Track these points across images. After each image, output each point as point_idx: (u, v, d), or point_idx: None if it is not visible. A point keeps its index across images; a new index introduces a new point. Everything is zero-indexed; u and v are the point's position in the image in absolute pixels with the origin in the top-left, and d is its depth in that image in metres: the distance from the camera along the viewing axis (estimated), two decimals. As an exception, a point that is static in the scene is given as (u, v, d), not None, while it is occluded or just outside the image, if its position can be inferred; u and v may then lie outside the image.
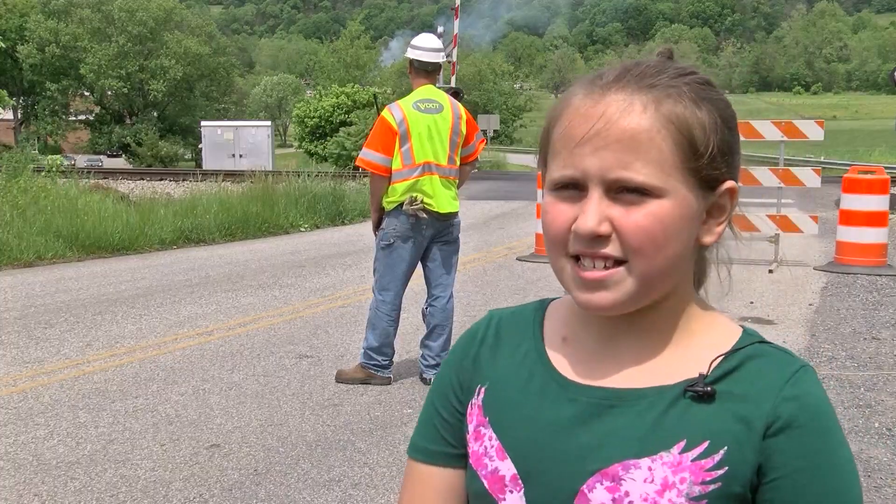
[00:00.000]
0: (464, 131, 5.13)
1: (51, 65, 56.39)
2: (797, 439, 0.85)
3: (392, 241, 4.99)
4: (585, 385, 0.92)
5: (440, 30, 23.79)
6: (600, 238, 0.85)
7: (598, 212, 0.85)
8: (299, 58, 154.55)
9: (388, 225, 5.00)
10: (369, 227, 5.28)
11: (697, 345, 0.92)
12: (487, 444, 0.95)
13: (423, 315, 5.24)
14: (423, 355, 5.23)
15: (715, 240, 0.92)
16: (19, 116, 63.82)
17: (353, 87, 45.86)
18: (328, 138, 42.22)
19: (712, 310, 0.96)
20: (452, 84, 23.38)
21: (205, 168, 31.90)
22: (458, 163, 5.15)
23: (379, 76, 64.63)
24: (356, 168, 5.28)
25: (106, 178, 22.27)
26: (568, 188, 0.87)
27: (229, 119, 52.78)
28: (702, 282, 0.98)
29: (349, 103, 43.52)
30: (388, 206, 4.99)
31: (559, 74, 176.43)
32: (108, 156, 59.71)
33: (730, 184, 0.90)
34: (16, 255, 10.03)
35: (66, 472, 3.84)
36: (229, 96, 66.02)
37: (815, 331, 6.39)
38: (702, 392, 0.87)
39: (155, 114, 60.41)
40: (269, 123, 42.08)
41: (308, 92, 79.72)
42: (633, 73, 0.88)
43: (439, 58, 5.21)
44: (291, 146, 68.23)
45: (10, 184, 12.20)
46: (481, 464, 0.95)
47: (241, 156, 37.11)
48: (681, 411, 0.87)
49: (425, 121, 4.98)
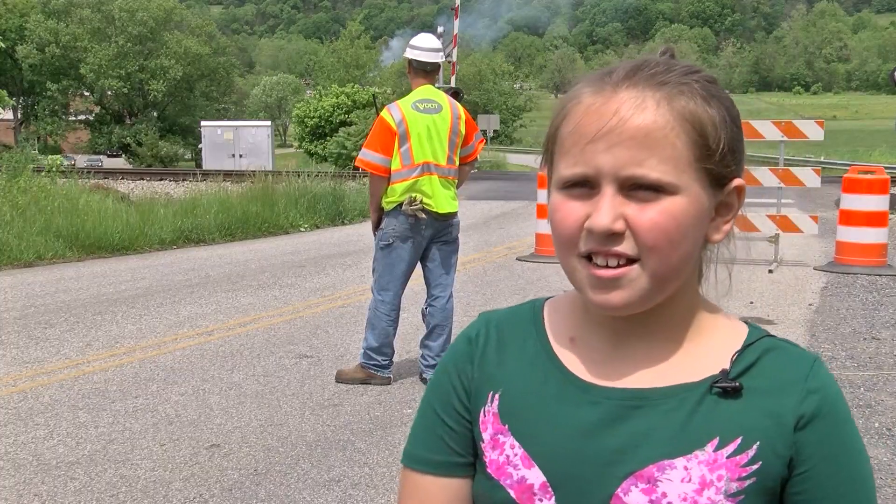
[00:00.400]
0: (463, 131, 5.12)
1: (51, 65, 56.38)
2: (822, 430, 0.87)
3: (391, 241, 4.99)
4: (605, 387, 0.91)
5: (440, 30, 23.80)
6: (614, 236, 0.84)
7: (613, 209, 0.84)
8: (299, 58, 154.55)
9: (387, 225, 5.00)
10: (369, 227, 5.29)
11: (709, 342, 0.92)
12: (510, 452, 0.93)
13: (423, 315, 5.24)
14: (422, 355, 5.23)
15: (722, 238, 0.92)
16: (19, 116, 63.82)
17: (353, 87, 45.88)
18: (328, 138, 42.24)
19: (716, 307, 0.96)
20: (452, 84, 23.38)
21: (205, 168, 31.90)
22: (458, 163, 5.16)
23: (379, 76, 64.63)
24: (356, 168, 5.28)
25: (106, 178, 22.28)
26: (578, 186, 0.86)
27: (229, 119, 52.78)
28: (699, 281, 0.97)
29: (349, 103, 43.54)
30: (387, 207, 4.99)
31: (559, 74, 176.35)
32: (108, 156, 59.71)
33: (738, 182, 0.90)
34: (16, 255, 10.03)
35: (66, 472, 3.84)
36: (229, 96, 66.01)
37: (815, 331, 6.39)
38: (729, 387, 0.87)
39: (155, 114, 60.39)
40: (269, 123, 42.07)
41: (308, 92, 79.71)
42: (644, 70, 0.87)
43: (438, 58, 5.21)
44: (291, 146, 68.24)
45: (11, 184, 12.19)
46: (504, 473, 0.92)
47: (241, 156, 37.10)
48: (709, 408, 0.88)
49: (424, 121, 4.98)
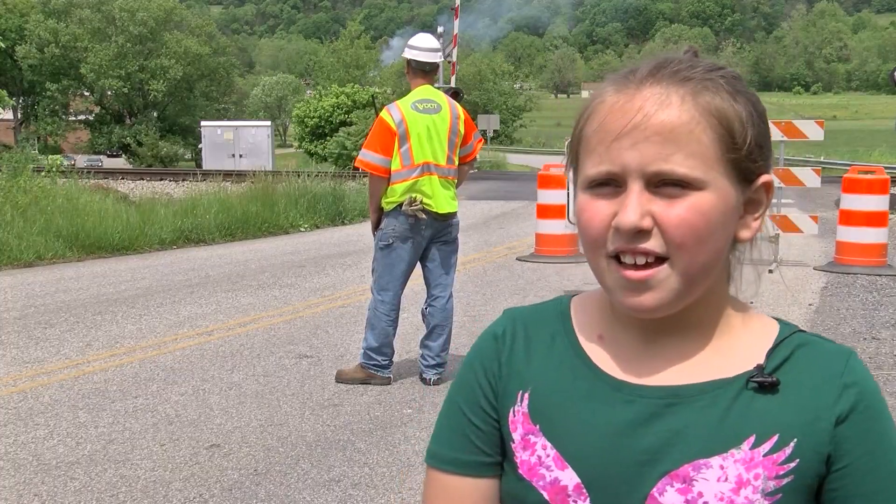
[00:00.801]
0: (462, 131, 5.13)
1: (50, 65, 56.37)
2: (861, 425, 0.86)
3: (391, 241, 4.99)
4: (638, 384, 0.89)
5: (440, 29, 23.78)
6: (642, 233, 0.83)
7: (640, 205, 0.83)
8: (299, 58, 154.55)
9: (386, 225, 5.00)
10: (369, 227, 5.29)
11: (740, 338, 0.91)
12: (542, 452, 0.91)
13: (423, 315, 5.24)
14: (422, 355, 5.22)
15: (751, 235, 0.91)
16: (19, 116, 63.81)
17: (353, 87, 45.88)
18: (328, 138, 42.25)
19: (745, 305, 0.95)
20: (452, 84, 23.38)
21: (205, 168, 31.89)
22: (457, 163, 5.16)
23: (379, 76, 64.61)
24: (356, 168, 5.28)
25: (106, 178, 22.28)
26: (605, 185, 0.86)
27: (229, 119, 52.73)
28: (728, 282, 0.96)
29: (349, 103, 43.54)
30: (387, 207, 4.99)
31: (559, 74, 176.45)
32: (108, 156, 59.69)
33: (766, 177, 0.89)
34: (16, 255, 10.03)
35: (66, 472, 3.84)
36: (229, 96, 65.98)
37: (815, 331, 6.36)
38: (766, 382, 0.86)
39: (155, 114, 60.37)
40: (269, 123, 42.07)
41: (308, 92, 79.69)
42: (667, 67, 0.87)
43: (437, 58, 5.20)
44: (291, 146, 68.21)
45: (11, 184, 12.19)
46: (537, 474, 0.91)
47: (241, 156, 37.09)
48: (745, 405, 0.86)
49: (424, 121, 4.98)
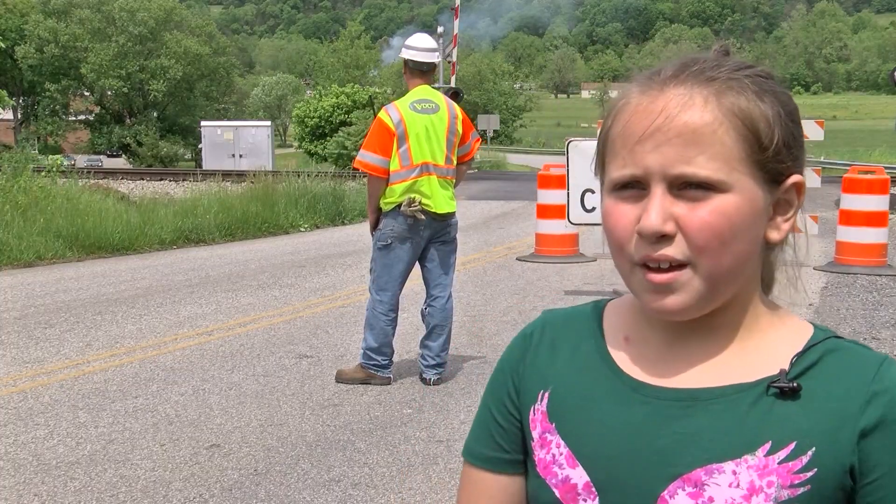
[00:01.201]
0: (460, 131, 5.13)
1: (50, 65, 56.38)
2: (893, 435, 0.82)
3: (389, 241, 4.99)
4: (657, 386, 0.88)
5: (440, 29, 23.80)
6: (664, 238, 0.82)
7: (662, 209, 0.82)
8: (299, 58, 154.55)
9: (385, 225, 5.00)
10: (369, 227, 5.29)
11: (770, 342, 0.89)
12: (556, 451, 0.91)
13: (423, 315, 5.24)
14: (422, 355, 5.22)
15: (782, 237, 0.89)
16: (19, 116, 63.81)
17: (353, 88, 45.87)
18: (328, 138, 42.26)
19: (781, 309, 0.93)
20: (452, 84, 23.38)
21: (205, 168, 31.89)
22: (455, 162, 5.16)
23: (379, 76, 64.59)
24: (356, 169, 5.28)
25: (106, 178, 22.30)
26: (629, 188, 0.85)
27: (229, 119, 52.72)
28: (770, 286, 0.94)
29: (349, 103, 43.54)
30: (385, 207, 4.98)
31: (559, 74, 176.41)
32: (108, 156, 59.67)
33: (796, 177, 0.87)
34: (16, 255, 10.03)
35: (66, 472, 3.84)
36: (229, 96, 65.96)
37: (815, 331, 6.39)
38: (787, 388, 0.84)
39: (155, 114, 60.36)
40: (269, 123, 42.07)
41: (308, 92, 79.69)
42: (692, 67, 0.86)
43: (434, 58, 5.20)
44: (291, 146, 68.21)
45: (11, 184, 12.19)
46: (550, 472, 0.91)
47: (241, 156, 37.07)
48: (763, 411, 0.84)
49: (422, 121, 4.97)
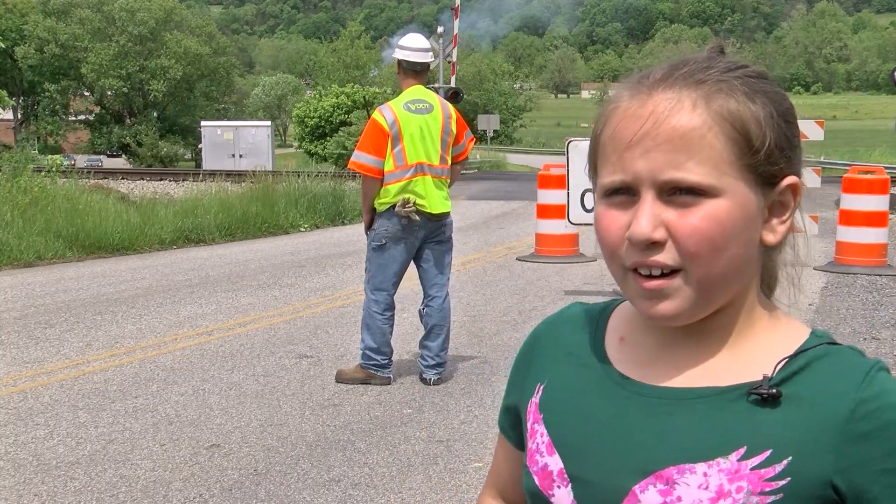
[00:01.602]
0: (454, 130, 5.13)
1: (50, 65, 56.39)
2: (884, 445, 0.79)
3: (384, 241, 5.00)
4: (643, 383, 0.89)
5: (440, 29, 23.78)
6: (655, 245, 0.82)
7: (653, 216, 0.81)
8: (299, 58, 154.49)
9: (379, 226, 5.00)
10: (364, 227, 5.29)
11: (761, 346, 0.88)
12: (539, 440, 0.94)
13: (421, 316, 5.24)
14: (422, 356, 5.22)
15: (778, 239, 0.88)
16: (19, 116, 63.81)
17: (353, 87, 45.87)
18: (328, 138, 42.24)
19: (779, 311, 0.92)
20: (452, 84, 23.37)
21: (205, 168, 31.89)
22: (450, 162, 5.16)
23: (379, 76, 64.59)
24: (350, 169, 5.28)
25: (106, 178, 22.29)
26: (619, 193, 0.84)
27: (229, 119, 52.73)
28: (772, 287, 0.93)
29: (349, 103, 43.53)
30: (380, 208, 4.99)
31: (559, 74, 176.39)
32: (108, 156, 59.70)
33: (791, 179, 0.86)
34: (16, 255, 10.03)
35: (66, 472, 3.84)
36: (229, 96, 65.98)
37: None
38: (766, 394, 0.82)
39: (155, 114, 60.38)
40: (269, 123, 42.03)
41: (308, 92, 79.70)
42: (681, 69, 0.85)
43: (428, 58, 5.20)
44: (291, 146, 68.22)
45: (11, 184, 12.19)
46: (533, 460, 0.94)
47: (241, 156, 37.06)
48: (742, 415, 0.83)
49: (416, 121, 4.97)
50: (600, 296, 7.40)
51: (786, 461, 0.81)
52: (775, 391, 0.83)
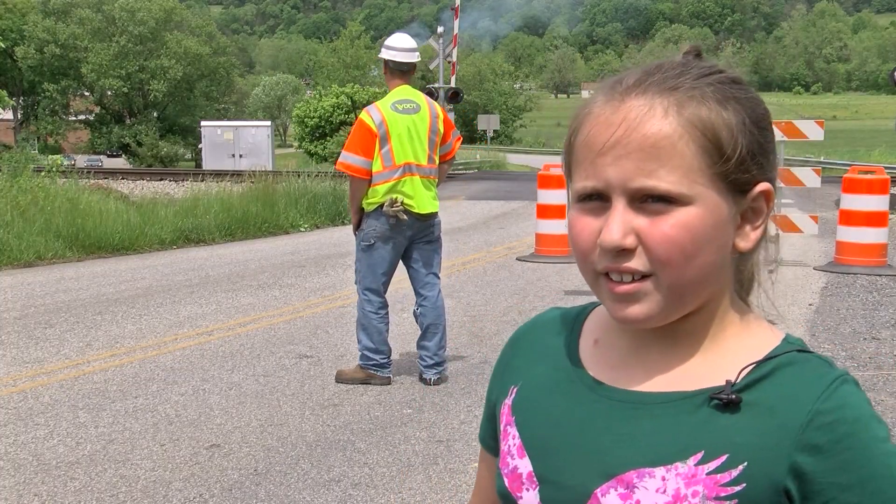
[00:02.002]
0: (441, 130, 5.13)
1: (50, 65, 56.41)
2: (837, 457, 0.79)
3: (372, 241, 5.01)
4: (612, 387, 0.90)
5: (441, 29, 23.78)
6: (625, 251, 0.82)
7: (623, 223, 0.81)
8: (299, 58, 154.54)
9: (368, 226, 5.01)
10: (352, 227, 5.30)
11: (731, 351, 0.87)
12: (511, 442, 0.95)
13: (416, 317, 5.24)
14: (420, 356, 5.22)
15: (751, 246, 0.88)
16: (19, 116, 63.83)
17: (353, 87, 45.87)
18: (328, 138, 42.24)
19: (751, 315, 0.92)
20: (452, 84, 23.37)
21: (205, 168, 31.89)
22: (438, 162, 5.16)
23: (379, 76, 64.60)
24: (338, 170, 5.27)
25: (106, 178, 22.28)
26: (592, 199, 0.84)
27: (229, 119, 52.75)
28: (748, 290, 0.94)
29: (349, 103, 43.54)
30: (368, 208, 4.99)
31: (559, 74, 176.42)
32: (108, 156, 59.73)
33: (763, 186, 0.87)
34: (16, 255, 10.03)
35: (66, 472, 3.84)
36: (229, 96, 66.02)
37: (815, 331, 6.39)
38: (726, 400, 0.83)
39: (155, 114, 60.42)
40: (269, 123, 42.05)
41: (308, 92, 79.69)
42: (654, 76, 0.84)
43: (414, 58, 5.20)
44: (291, 146, 68.20)
45: (11, 184, 12.19)
46: (504, 462, 0.95)
47: (241, 156, 37.07)
48: (702, 420, 0.84)
49: (404, 121, 4.98)
50: (600, 296, 7.38)
51: (741, 466, 0.81)
52: (735, 397, 0.83)
